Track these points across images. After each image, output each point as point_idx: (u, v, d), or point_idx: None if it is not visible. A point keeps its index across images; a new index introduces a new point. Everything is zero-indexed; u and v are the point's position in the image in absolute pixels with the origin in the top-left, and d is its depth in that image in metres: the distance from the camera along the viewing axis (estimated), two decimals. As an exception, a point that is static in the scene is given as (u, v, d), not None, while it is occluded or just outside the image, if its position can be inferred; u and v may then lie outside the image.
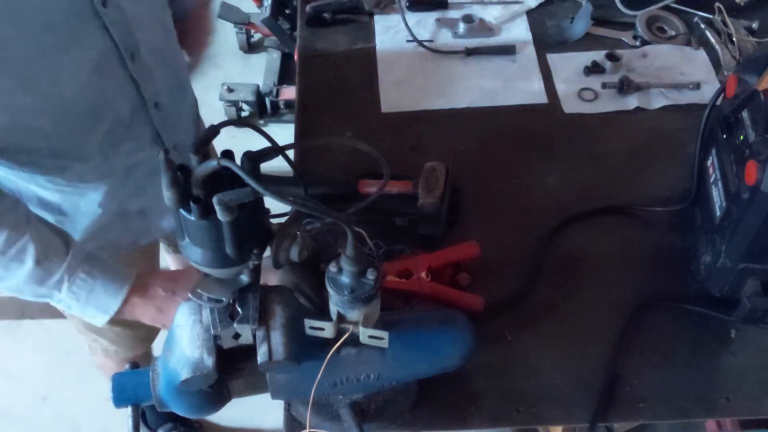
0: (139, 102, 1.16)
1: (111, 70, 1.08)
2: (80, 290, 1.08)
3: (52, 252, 1.06)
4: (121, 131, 1.16)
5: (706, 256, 1.15)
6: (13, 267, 1.03)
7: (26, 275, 1.04)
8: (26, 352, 2.31)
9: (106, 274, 1.10)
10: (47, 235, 1.07)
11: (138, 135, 1.19)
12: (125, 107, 1.14)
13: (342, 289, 0.82)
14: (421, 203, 1.21)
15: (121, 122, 1.15)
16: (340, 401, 0.99)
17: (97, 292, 1.09)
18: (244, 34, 3.06)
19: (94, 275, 1.09)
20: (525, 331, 1.18)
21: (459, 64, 1.58)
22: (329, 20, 1.65)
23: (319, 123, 1.47)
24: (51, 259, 1.05)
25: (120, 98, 1.13)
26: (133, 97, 1.14)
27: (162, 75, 1.19)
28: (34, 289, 1.07)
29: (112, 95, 1.11)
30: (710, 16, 1.63)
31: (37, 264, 1.04)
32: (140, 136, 1.20)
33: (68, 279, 1.07)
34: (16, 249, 1.03)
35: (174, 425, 2.10)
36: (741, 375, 1.14)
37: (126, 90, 1.13)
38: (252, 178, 0.73)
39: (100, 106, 1.10)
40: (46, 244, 1.06)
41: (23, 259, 1.03)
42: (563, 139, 1.45)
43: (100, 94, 1.09)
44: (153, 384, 0.93)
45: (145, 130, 1.21)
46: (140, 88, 1.14)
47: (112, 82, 1.10)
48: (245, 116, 2.86)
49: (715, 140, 1.16)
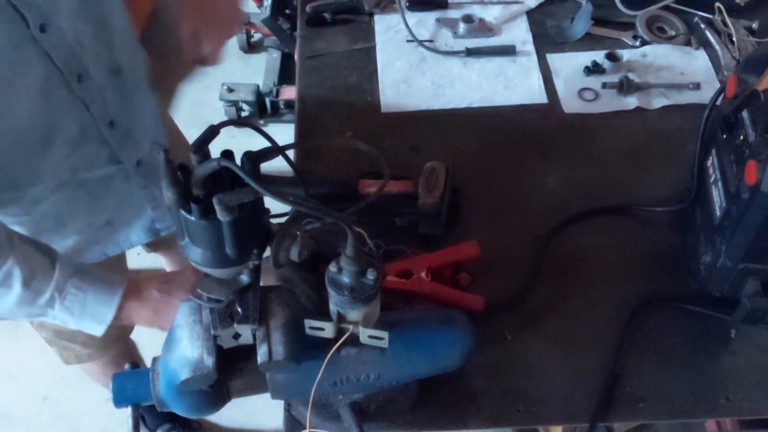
0: (90, 121, 1.14)
1: (56, 93, 1.06)
2: (73, 305, 1.07)
3: (39, 272, 1.04)
4: (72, 151, 1.14)
5: (706, 256, 1.15)
6: (1, 293, 1.02)
7: (16, 299, 1.03)
8: (26, 352, 2.31)
9: (95, 285, 1.09)
10: (31, 254, 1.05)
11: (89, 153, 1.17)
12: (74, 128, 1.12)
13: (342, 289, 0.82)
14: (421, 203, 1.21)
15: (72, 142, 1.13)
16: (340, 401, 0.99)
17: (90, 304, 1.08)
18: (244, 34, 3.05)
19: (84, 288, 1.08)
20: (525, 331, 1.18)
21: (459, 64, 1.58)
22: (329, 20, 1.65)
23: (319, 123, 1.47)
24: (39, 279, 1.04)
25: (68, 120, 1.11)
26: (82, 117, 1.12)
27: (119, 93, 1.17)
28: (27, 310, 1.06)
29: (60, 117, 1.09)
30: (710, 16, 1.63)
31: (25, 286, 1.03)
32: (92, 154, 1.18)
33: (59, 296, 1.06)
34: (2, 274, 1.01)
35: (174, 425, 2.10)
36: (741, 375, 1.14)
37: (73, 111, 1.11)
38: (252, 178, 0.73)
39: (49, 129, 1.08)
40: (31, 264, 1.04)
41: (11, 284, 1.02)
42: (563, 139, 1.45)
43: (48, 117, 1.07)
44: (153, 384, 0.93)
45: (99, 150, 1.19)
46: (90, 108, 1.12)
47: (58, 106, 1.08)
48: (245, 116, 2.86)
49: (715, 140, 1.16)
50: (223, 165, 0.74)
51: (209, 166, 0.75)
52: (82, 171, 1.19)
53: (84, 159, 1.17)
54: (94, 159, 1.19)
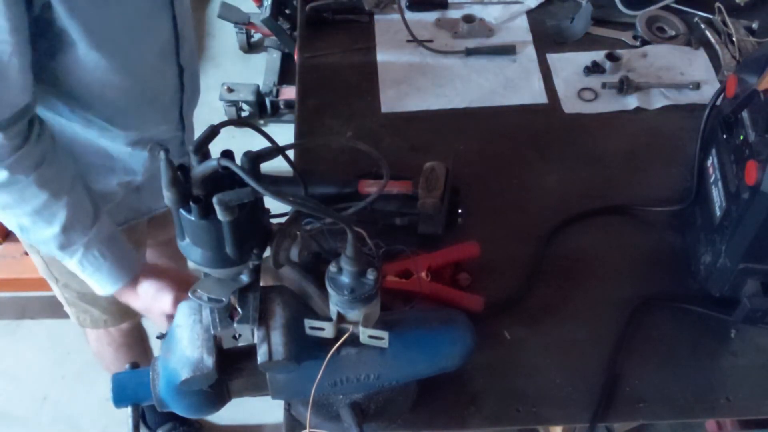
0: (177, 87, 1.26)
1: (169, 57, 1.20)
2: (89, 265, 1.14)
3: (80, 223, 1.11)
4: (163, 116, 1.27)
5: (706, 256, 1.15)
6: (41, 226, 1.09)
7: (50, 236, 1.09)
8: (26, 352, 2.31)
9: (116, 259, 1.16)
10: (82, 203, 1.12)
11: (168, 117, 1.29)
12: (170, 92, 1.26)
13: (342, 289, 0.82)
14: (421, 203, 1.21)
15: (164, 106, 1.26)
16: (340, 401, 0.99)
17: (103, 272, 1.15)
18: (244, 34, 3.05)
19: (106, 257, 1.14)
20: (525, 331, 1.18)
21: (459, 64, 1.58)
22: (329, 20, 1.65)
23: (319, 123, 1.47)
24: (76, 230, 1.11)
25: (168, 83, 1.24)
26: (176, 83, 1.25)
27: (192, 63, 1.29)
28: (50, 246, 1.12)
29: (167, 80, 1.23)
30: (710, 16, 1.63)
31: (63, 231, 1.09)
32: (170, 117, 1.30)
33: (83, 252, 1.12)
34: (50, 212, 1.08)
35: (174, 425, 2.10)
36: (741, 375, 1.14)
37: (172, 76, 1.24)
38: (252, 178, 0.73)
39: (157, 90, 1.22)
40: (77, 214, 1.11)
41: (52, 222, 1.08)
42: (563, 139, 1.45)
43: (160, 79, 1.21)
44: (153, 384, 0.93)
45: (174, 114, 1.30)
46: (183, 74, 1.25)
47: (168, 69, 1.22)
48: (245, 116, 2.86)
49: (715, 140, 1.16)
50: (223, 165, 0.74)
51: (209, 166, 0.75)
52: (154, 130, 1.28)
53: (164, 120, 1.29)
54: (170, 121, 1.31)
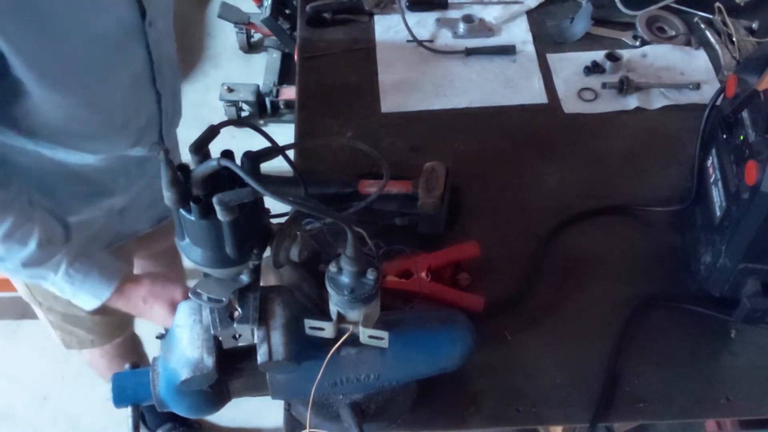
0: (155, 111, 1.22)
1: (144, 85, 1.16)
2: (77, 273, 1.11)
3: (55, 236, 1.09)
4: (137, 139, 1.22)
5: (706, 256, 1.15)
6: (15, 249, 1.06)
7: (27, 256, 1.07)
8: (26, 352, 2.31)
9: (103, 262, 1.14)
10: (50, 221, 1.10)
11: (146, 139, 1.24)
12: (144, 118, 1.21)
13: (342, 289, 0.82)
14: (421, 203, 1.21)
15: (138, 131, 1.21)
16: (340, 401, 0.99)
17: (92, 277, 1.12)
18: (244, 34, 3.05)
19: (91, 262, 1.12)
20: (525, 331, 1.18)
21: (459, 64, 1.58)
22: (329, 20, 1.65)
23: (319, 123, 1.47)
24: (53, 243, 1.09)
25: (143, 110, 1.20)
26: (152, 108, 1.21)
27: (171, 86, 1.25)
28: (32, 270, 1.09)
29: (140, 107, 1.18)
30: (710, 16, 1.63)
31: (40, 247, 1.06)
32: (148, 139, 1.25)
33: (67, 262, 1.09)
34: (21, 232, 1.05)
35: (174, 425, 2.10)
36: (741, 375, 1.14)
37: (149, 103, 1.20)
38: (252, 178, 0.73)
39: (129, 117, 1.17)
40: (49, 229, 1.09)
41: (26, 242, 1.06)
42: (563, 139, 1.45)
43: (132, 106, 1.16)
44: (153, 384, 0.93)
45: (153, 135, 1.26)
46: (161, 101, 1.21)
47: (142, 96, 1.17)
48: (245, 116, 2.86)
49: (715, 140, 1.16)
50: (223, 165, 0.74)
51: (209, 166, 0.75)
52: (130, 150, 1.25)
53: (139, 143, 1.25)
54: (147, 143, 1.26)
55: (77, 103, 1.05)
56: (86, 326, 1.54)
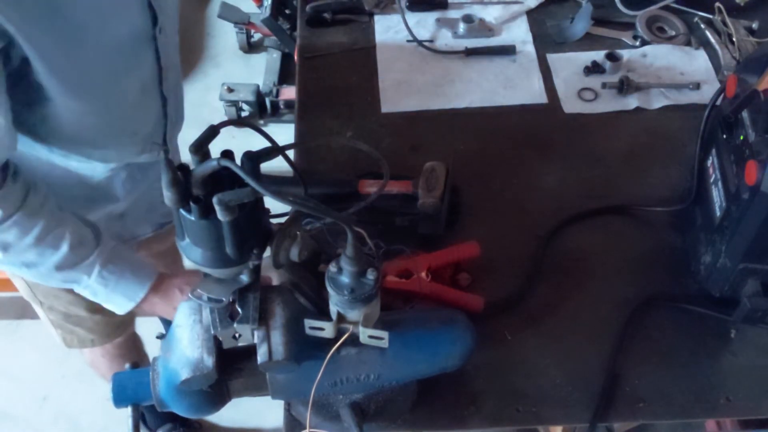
0: (161, 116, 1.23)
1: (152, 90, 1.17)
2: (111, 275, 1.11)
3: (85, 239, 1.10)
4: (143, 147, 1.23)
5: (706, 256, 1.15)
6: (47, 254, 1.06)
7: (60, 260, 1.07)
8: (26, 352, 2.31)
9: (135, 263, 1.15)
10: (79, 224, 1.10)
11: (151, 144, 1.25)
12: (150, 124, 1.22)
13: (342, 289, 0.82)
14: (421, 203, 1.21)
15: (146, 137, 1.22)
16: (340, 401, 0.99)
17: (126, 278, 1.12)
18: (244, 34, 3.05)
19: (124, 263, 1.13)
20: (525, 331, 1.18)
21: (459, 64, 1.58)
22: (329, 20, 1.65)
23: (319, 123, 1.47)
24: (85, 245, 1.09)
25: (150, 115, 1.21)
26: (158, 113, 1.22)
27: (176, 90, 1.27)
28: (65, 274, 1.09)
29: (148, 113, 1.20)
30: (710, 16, 1.63)
31: (71, 250, 1.07)
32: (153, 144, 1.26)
33: (100, 264, 1.10)
34: (53, 236, 1.06)
35: (174, 425, 2.10)
36: (741, 375, 1.14)
37: (156, 108, 1.21)
38: (252, 178, 0.73)
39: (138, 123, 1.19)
40: (79, 232, 1.09)
41: (59, 245, 1.06)
42: (563, 139, 1.45)
43: (141, 112, 1.18)
44: (153, 384, 0.93)
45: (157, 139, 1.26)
46: (167, 105, 1.22)
47: (150, 101, 1.19)
48: (245, 116, 2.86)
49: (715, 140, 1.16)
50: (223, 165, 0.74)
51: (209, 166, 0.75)
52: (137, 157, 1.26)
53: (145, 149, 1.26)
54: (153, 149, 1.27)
55: (92, 110, 1.06)
56: (87, 326, 1.54)
